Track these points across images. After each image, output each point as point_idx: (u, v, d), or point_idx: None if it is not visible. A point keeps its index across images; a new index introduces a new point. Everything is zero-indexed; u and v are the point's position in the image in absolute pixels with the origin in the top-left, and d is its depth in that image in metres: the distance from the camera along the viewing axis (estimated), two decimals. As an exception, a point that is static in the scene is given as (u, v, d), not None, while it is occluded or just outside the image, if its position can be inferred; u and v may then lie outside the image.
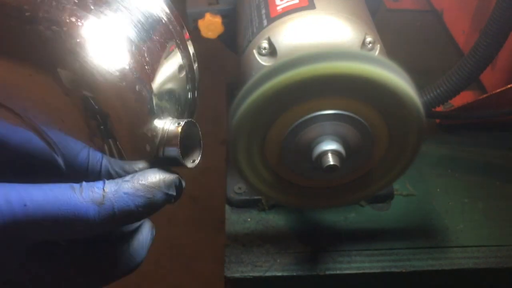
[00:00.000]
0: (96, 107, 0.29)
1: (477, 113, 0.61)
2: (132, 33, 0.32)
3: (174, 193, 0.31)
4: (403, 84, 0.38)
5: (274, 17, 0.46)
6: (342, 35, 0.44)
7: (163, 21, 0.36)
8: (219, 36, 0.59)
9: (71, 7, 0.30)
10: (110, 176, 0.30)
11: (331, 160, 0.39)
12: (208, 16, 0.58)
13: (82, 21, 0.30)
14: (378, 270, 0.50)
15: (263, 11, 0.48)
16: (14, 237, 0.28)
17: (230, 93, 0.67)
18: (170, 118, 0.33)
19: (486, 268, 0.50)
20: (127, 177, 0.30)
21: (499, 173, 0.60)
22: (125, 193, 0.29)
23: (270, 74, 0.38)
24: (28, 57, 0.28)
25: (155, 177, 0.30)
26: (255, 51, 0.45)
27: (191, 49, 0.38)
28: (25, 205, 0.27)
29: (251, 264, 0.50)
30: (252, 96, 0.38)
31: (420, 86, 0.41)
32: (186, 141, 0.33)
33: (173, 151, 0.32)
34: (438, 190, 0.58)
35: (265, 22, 0.47)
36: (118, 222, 0.29)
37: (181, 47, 0.37)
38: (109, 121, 0.29)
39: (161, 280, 1.35)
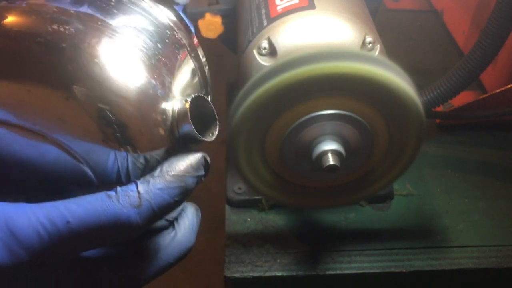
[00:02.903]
0: (113, 118, 0.29)
1: (477, 113, 0.61)
2: (144, 45, 0.33)
3: (203, 173, 0.31)
4: (403, 84, 0.38)
5: (274, 17, 0.46)
6: (342, 35, 0.44)
7: (173, 29, 0.36)
8: (219, 36, 0.59)
9: (83, 28, 0.30)
10: (138, 173, 0.31)
11: (331, 160, 0.39)
12: (208, 16, 0.58)
13: (95, 40, 0.30)
14: (378, 270, 0.50)
15: (263, 11, 0.48)
16: (61, 253, 0.28)
17: (230, 93, 0.67)
18: (177, 97, 0.33)
19: (486, 268, 0.50)
20: (156, 172, 0.30)
21: (499, 173, 0.60)
22: (159, 189, 0.29)
23: (270, 74, 0.38)
24: (44, 78, 0.29)
25: (182, 164, 0.31)
26: (255, 51, 0.45)
27: (201, 54, 0.38)
28: (68, 222, 0.27)
29: (251, 264, 0.50)
30: (252, 96, 0.38)
31: (420, 86, 0.41)
32: (200, 116, 0.33)
33: (186, 127, 0.32)
34: (438, 190, 0.58)
35: (265, 22, 0.47)
36: (159, 217, 0.30)
37: (192, 54, 0.37)
38: (130, 131, 0.30)
39: (161, 280, 1.34)
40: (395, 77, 0.38)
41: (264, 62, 0.45)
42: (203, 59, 0.38)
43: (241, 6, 0.55)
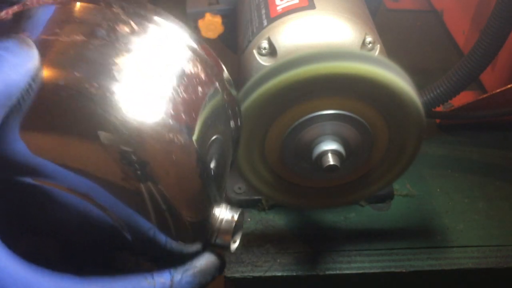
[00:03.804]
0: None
1: (477, 113, 0.61)
2: (166, 82, 0.32)
3: (219, 273, 0.34)
4: (403, 84, 0.38)
5: (274, 17, 0.46)
6: (342, 35, 0.44)
7: (196, 63, 0.35)
8: (219, 36, 0.59)
9: (106, 74, 0.30)
10: (170, 254, 0.33)
11: (331, 160, 0.39)
12: (208, 16, 0.58)
13: (117, 86, 0.30)
14: (378, 270, 0.50)
15: (263, 11, 0.48)
16: None
17: (230, 93, 0.67)
18: (225, 205, 0.35)
19: (486, 268, 0.50)
20: (187, 265, 0.33)
21: (499, 173, 0.60)
22: (186, 282, 0.33)
23: (270, 74, 0.38)
24: (72, 130, 0.29)
25: (208, 263, 0.34)
26: (255, 51, 0.45)
27: (230, 84, 0.37)
28: None
29: (251, 264, 0.50)
30: (252, 96, 0.38)
31: (420, 86, 0.41)
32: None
33: (226, 242, 0.34)
34: (438, 190, 0.58)
35: (265, 22, 0.47)
36: None
37: (222, 86, 0.36)
38: (151, 168, 0.30)
39: (161, 280, 1.34)
40: (395, 77, 0.38)
41: (264, 62, 0.45)
42: (233, 90, 0.37)
43: (241, 6, 0.55)
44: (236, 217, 0.35)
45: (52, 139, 0.29)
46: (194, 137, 0.32)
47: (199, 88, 0.34)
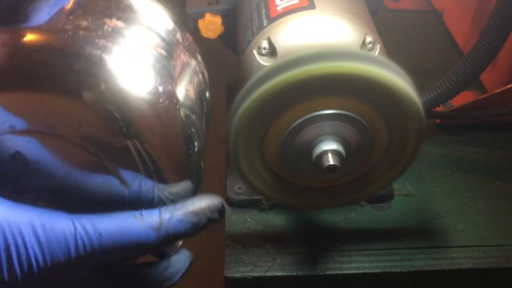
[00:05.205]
0: (122, 116, 0.32)
1: (477, 113, 0.61)
2: (149, 50, 0.36)
3: (218, 217, 0.35)
4: (403, 84, 0.38)
5: (274, 17, 0.46)
6: (342, 35, 0.44)
7: (175, 32, 0.39)
8: (219, 36, 0.59)
9: (97, 39, 0.33)
10: (160, 201, 0.34)
11: (331, 160, 0.39)
12: (208, 16, 0.58)
13: (108, 51, 0.33)
14: (378, 270, 0.50)
15: (263, 11, 0.48)
16: (89, 262, 0.32)
17: (230, 93, 0.67)
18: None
19: (486, 268, 0.50)
20: (178, 205, 0.34)
21: (499, 173, 0.60)
22: (177, 220, 0.33)
23: (270, 74, 0.38)
24: (69, 90, 0.31)
25: (201, 204, 0.34)
26: (255, 51, 0.45)
27: (199, 53, 0.41)
28: (100, 235, 0.31)
29: (251, 264, 0.50)
30: (252, 96, 0.38)
31: (420, 86, 0.41)
32: None
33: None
34: (438, 190, 0.58)
35: (265, 22, 0.47)
36: (170, 243, 0.34)
37: (192, 53, 0.40)
38: (136, 127, 0.33)
39: (161, 280, 1.34)
40: (395, 77, 0.38)
41: (264, 62, 0.45)
42: (200, 57, 0.41)
43: (241, 6, 0.55)
44: None
45: (38, 96, 0.31)
46: (177, 103, 0.35)
47: (181, 59, 0.38)
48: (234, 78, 0.66)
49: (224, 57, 0.66)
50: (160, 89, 0.34)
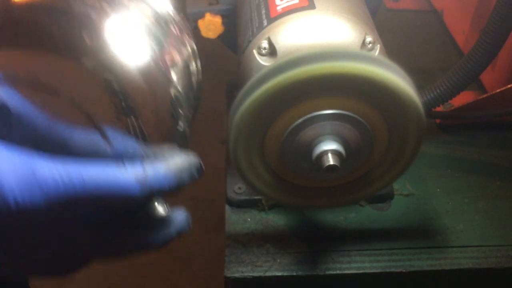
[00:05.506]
0: (120, 89, 0.33)
1: (477, 113, 0.61)
2: (146, 22, 0.36)
3: (197, 176, 0.34)
4: (403, 84, 0.38)
5: (274, 17, 0.46)
6: (342, 35, 0.44)
7: (174, 17, 0.39)
8: (219, 36, 0.59)
9: (97, 4, 0.34)
10: (142, 159, 0.34)
11: (331, 160, 0.39)
12: (208, 16, 0.58)
13: (107, 14, 0.34)
14: (378, 270, 0.50)
15: (263, 11, 0.48)
16: (71, 208, 0.31)
17: (230, 93, 0.67)
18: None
19: (486, 268, 0.50)
20: (161, 161, 0.34)
21: (499, 173, 0.60)
22: (160, 174, 0.33)
23: (270, 74, 0.38)
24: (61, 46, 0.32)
25: (183, 159, 0.34)
26: (255, 51, 0.45)
27: (195, 45, 0.42)
28: (83, 180, 0.30)
29: (251, 264, 0.50)
30: (252, 96, 0.38)
31: (420, 86, 0.41)
32: None
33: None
34: (438, 190, 0.58)
35: (265, 22, 0.47)
36: (153, 198, 0.34)
37: (189, 42, 0.41)
38: (133, 101, 0.33)
39: (161, 280, 1.34)
40: (395, 77, 0.38)
41: (264, 62, 0.45)
42: (195, 48, 0.42)
43: (241, 6, 0.55)
44: None
45: (25, 51, 0.32)
46: (169, 79, 0.36)
47: (173, 34, 0.38)
48: (234, 78, 0.66)
49: (224, 57, 0.66)
50: (153, 60, 0.34)
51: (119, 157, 0.33)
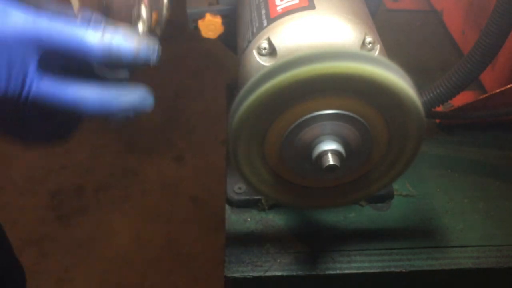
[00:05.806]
0: None
1: (477, 113, 0.61)
2: None
3: (155, 55, 0.37)
4: (403, 84, 0.38)
5: (274, 18, 0.46)
6: (342, 35, 0.44)
7: None
8: (219, 36, 0.59)
9: None
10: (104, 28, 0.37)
11: (331, 160, 0.39)
12: (208, 16, 0.58)
13: None
14: (378, 270, 0.50)
15: (263, 11, 0.48)
16: (35, 46, 0.35)
17: (230, 93, 0.67)
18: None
19: (486, 268, 0.50)
20: (120, 33, 0.36)
21: (499, 173, 0.60)
22: (119, 38, 0.35)
23: (270, 74, 0.38)
24: None
25: (142, 40, 0.36)
26: (255, 51, 0.45)
27: None
28: (49, 23, 0.34)
29: (251, 264, 0.50)
30: (252, 96, 0.38)
31: (420, 86, 0.41)
32: None
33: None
34: (438, 190, 0.58)
35: (265, 22, 0.47)
36: (109, 61, 0.36)
37: None
38: None
39: (161, 280, 1.35)
40: (395, 77, 0.38)
41: (264, 62, 0.45)
42: None
43: (241, 6, 0.55)
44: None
45: None
46: None
47: None
48: (234, 78, 0.66)
49: (224, 57, 0.66)
50: None
51: (85, 23, 0.36)
